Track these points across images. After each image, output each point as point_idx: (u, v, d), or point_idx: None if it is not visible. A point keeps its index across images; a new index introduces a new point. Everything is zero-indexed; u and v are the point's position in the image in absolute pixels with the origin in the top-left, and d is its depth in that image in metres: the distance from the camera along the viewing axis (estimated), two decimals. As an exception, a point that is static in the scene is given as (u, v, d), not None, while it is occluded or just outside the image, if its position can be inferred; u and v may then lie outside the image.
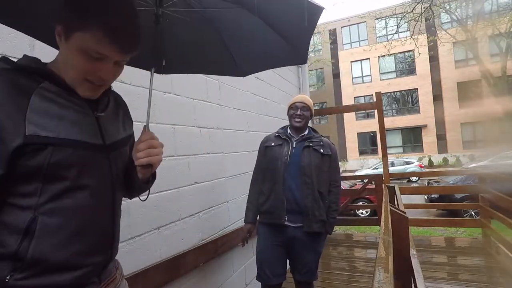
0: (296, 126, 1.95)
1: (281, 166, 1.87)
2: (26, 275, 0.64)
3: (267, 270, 1.87)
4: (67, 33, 0.65)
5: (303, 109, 1.95)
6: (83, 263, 0.71)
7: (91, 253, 0.73)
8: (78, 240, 0.70)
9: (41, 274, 0.65)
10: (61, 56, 0.71)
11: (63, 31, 0.65)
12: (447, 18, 16.08)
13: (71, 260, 0.69)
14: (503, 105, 10.51)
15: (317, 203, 1.84)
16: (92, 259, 0.73)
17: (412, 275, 1.44)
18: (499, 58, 14.23)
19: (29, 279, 0.64)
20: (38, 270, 0.65)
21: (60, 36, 0.67)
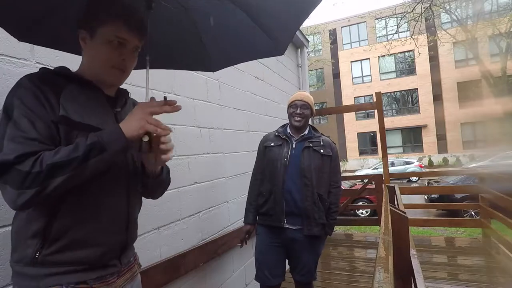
0: (295, 126, 1.90)
1: (281, 167, 1.83)
2: (51, 250, 0.73)
3: (266, 270, 1.85)
4: (92, 33, 0.79)
5: (302, 107, 1.88)
6: (100, 241, 0.79)
7: (107, 232, 0.81)
8: (95, 218, 0.78)
9: (65, 250, 0.74)
10: (86, 58, 0.83)
11: (88, 33, 0.79)
12: (447, 18, 16.08)
13: (89, 237, 0.77)
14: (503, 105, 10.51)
15: (317, 205, 1.80)
16: (108, 238, 0.81)
17: (412, 275, 1.44)
18: (499, 58, 14.22)
19: (54, 254, 0.73)
20: (61, 246, 0.74)
21: (84, 40, 0.80)
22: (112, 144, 0.70)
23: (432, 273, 3.24)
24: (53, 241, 0.73)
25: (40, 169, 0.63)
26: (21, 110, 0.68)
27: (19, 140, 0.66)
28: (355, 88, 23.36)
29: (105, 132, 0.72)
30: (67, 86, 0.76)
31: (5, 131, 0.67)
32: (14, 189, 0.63)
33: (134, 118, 0.73)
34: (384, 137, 4.18)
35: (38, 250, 0.72)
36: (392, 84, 22.36)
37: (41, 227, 0.72)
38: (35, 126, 0.68)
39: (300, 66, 4.54)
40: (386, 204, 2.29)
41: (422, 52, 16.64)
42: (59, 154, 0.66)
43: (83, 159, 0.67)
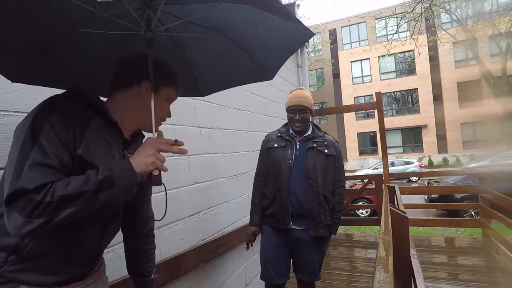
0: (296, 131, 1.88)
1: (285, 170, 1.81)
2: (16, 268, 0.72)
3: (271, 269, 1.85)
4: (157, 89, 0.85)
5: (301, 112, 1.84)
6: (67, 269, 0.80)
7: (77, 262, 0.82)
8: (70, 248, 0.79)
9: (28, 271, 0.73)
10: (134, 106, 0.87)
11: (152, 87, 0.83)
12: (447, 18, 16.08)
13: (59, 264, 0.78)
14: (503, 105, 10.51)
15: (323, 207, 1.79)
16: (76, 267, 0.83)
17: (412, 275, 1.44)
18: (499, 58, 14.22)
19: (18, 273, 0.72)
20: (29, 267, 0.73)
21: (146, 90, 0.84)
22: (123, 179, 0.71)
23: (432, 273, 3.24)
24: (22, 260, 0.72)
25: (51, 200, 0.62)
26: (49, 138, 0.68)
27: (42, 169, 0.65)
28: (355, 88, 23.36)
29: (116, 167, 0.72)
30: (94, 120, 0.78)
31: (29, 154, 0.65)
32: (23, 217, 0.61)
33: (144, 154, 0.75)
34: (384, 137, 4.18)
35: (0, 264, 0.71)
36: (392, 84, 22.36)
37: (14, 243, 0.71)
38: (60, 157, 0.68)
39: (300, 66, 4.54)
40: (386, 204, 2.29)
41: (422, 52, 16.63)
42: (70, 186, 0.65)
43: (93, 193, 0.67)
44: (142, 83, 0.84)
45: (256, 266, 2.66)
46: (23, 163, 0.64)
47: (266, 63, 1.06)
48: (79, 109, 0.76)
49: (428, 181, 9.88)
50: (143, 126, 0.91)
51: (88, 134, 0.75)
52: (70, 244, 0.79)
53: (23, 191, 0.61)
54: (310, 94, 1.98)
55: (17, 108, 1.04)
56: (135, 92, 0.86)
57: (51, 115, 0.70)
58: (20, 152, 0.66)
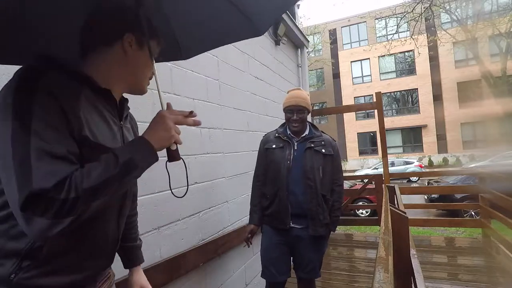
0: (294, 131, 1.91)
1: (284, 170, 1.84)
2: (31, 275, 0.63)
3: (272, 268, 1.87)
4: (141, 43, 0.76)
5: (299, 113, 1.87)
6: (89, 265, 0.73)
7: (97, 257, 0.76)
8: (85, 246, 0.72)
9: (45, 275, 0.65)
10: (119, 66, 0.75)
11: (137, 41, 0.75)
12: (447, 18, 16.08)
13: (79, 262, 0.71)
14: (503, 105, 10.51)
15: (321, 206, 1.82)
16: (97, 262, 0.76)
17: (412, 275, 1.44)
18: (499, 58, 14.22)
19: (34, 278, 0.64)
20: (44, 271, 0.65)
21: (130, 45, 0.74)
22: (145, 160, 0.67)
23: (432, 273, 3.24)
24: (35, 265, 0.64)
25: (76, 195, 0.55)
26: (43, 122, 0.57)
27: (52, 161, 0.56)
28: (355, 88, 23.36)
29: (135, 148, 0.66)
30: (82, 93, 0.67)
31: (28, 146, 0.54)
32: (48, 219, 0.55)
33: (161, 129, 0.70)
34: (384, 137, 4.19)
35: (14, 272, 0.62)
36: (392, 84, 22.36)
37: (22, 247, 0.63)
38: (64, 143, 0.59)
39: (300, 66, 4.54)
40: (386, 204, 2.29)
41: (422, 52, 16.63)
42: (92, 175, 0.58)
43: (119, 178, 0.62)
44: (125, 36, 0.74)
45: (256, 266, 2.66)
46: (26, 157, 0.54)
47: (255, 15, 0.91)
48: (64, 81, 0.64)
49: (428, 181, 9.88)
50: (133, 88, 0.81)
51: (84, 110, 0.65)
52: (91, 237, 0.72)
53: (42, 192, 0.53)
54: (307, 94, 2.00)
55: None
56: (117, 50, 0.74)
57: (36, 93, 0.58)
58: (14, 145, 0.54)
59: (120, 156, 0.62)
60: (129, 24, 0.75)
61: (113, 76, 0.75)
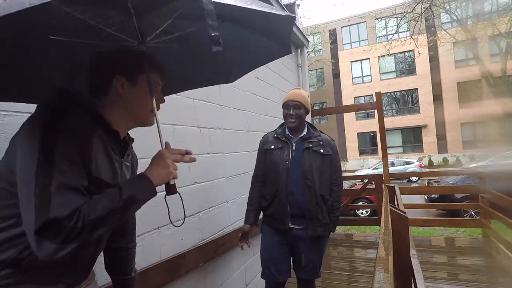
0: (290, 127, 1.90)
1: (283, 171, 1.84)
2: (12, 281, 0.68)
3: (272, 268, 1.87)
4: (133, 81, 0.80)
5: (295, 108, 1.87)
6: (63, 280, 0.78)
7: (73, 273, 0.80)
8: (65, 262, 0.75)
9: (24, 283, 0.70)
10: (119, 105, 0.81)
11: (129, 80, 0.79)
12: (447, 18, 16.07)
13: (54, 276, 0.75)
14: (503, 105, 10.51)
15: (320, 206, 1.82)
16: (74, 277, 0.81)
17: (412, 275, 1.44)
18: (499, 58, 14.22)
19: (14, 285, 0.69)
20: (25, 279, 0.70)
21: (122, 86, 0.79)
22: (145, 196, 0.74)
23: (432, 273, 3.24)
24: (16, 273, 0.69)
25: (82, 225, 0.62)
26: (65, 157, 0.64)
27: (68, 192, 0.63)
28: (355, 88, 23.36)
29: (137, 185, 0.73)
30: (96, 132, 0.74)
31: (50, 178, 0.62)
32: (55, 244, 0.60)
33: (161, 167, 0.77)
34: (384, 137, 4.19)
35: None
36: (392, 84, 22.36)
37: (11, 256, 0.68)
38: (80, 177, 0.66)
39: (300, 66, 4.54)
40: (386, 204, 2.29)
41: (422, 52, 16.62)
42: (98, 208, 0.65)
43: (120, 212, 0.68)
44: (114, 81, 0.79)
45: (256, 266, 2.66)
46: (47, 187, 0.61)
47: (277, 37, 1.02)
48: (84, 121, 0.72)
49: (428, 181, 9.87)
50: (138, 122, 0.87)
51: (95, 149, 0.72)
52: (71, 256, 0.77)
53: (56, 220, 0.60)
54: (307, 94, 1.99)
55: (17, 108, 1.04)
56: (113, 95, 0.80)
57: (62, 129, 0.66)
58: (38, 174, 0.62)
59: (123, 192, 0.69)
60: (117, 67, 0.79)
61: (118, 117, 0.82)
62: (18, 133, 0.70)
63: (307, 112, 1.95)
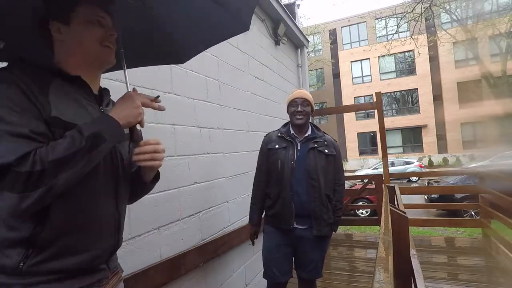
0: (298, 124, 1.90)
1: (288, 171, 1.83)
2: (38, 260, 0.66)
3: (274, 268, 1.87)
4: (65, 19, 0.74)
5: (303, 104, 1.89)
6: (90, 246, 0.75)
7: (97, 237, 0.77)
8: (85, 224, 0.74)
9: (52, 259, 0.68)
10: (66, 48, 0.77)
11: (61, 21, 0.74)
12: (447, 18, 16.06)
13: (80, 243, 0.73)
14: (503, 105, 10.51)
15: (325, 206, 1.82)
16: (99, 242, 0.77)
17: (412, 275, 1.44)
18: (499, 58, 14.22)
19: (40, 264, 0.67)
20: (50, 255, 0.68)
21: (59, 30, 0.74)
22: (113, 134, 0.70)
23: (432, 273, 3.24)
24: (40, 250, 0.67)
25: (42, 167, 0.58)
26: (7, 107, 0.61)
27: (13, 139, 0.59)
28: (355, 88, 23.35)
29: (101, 123, 0.69)
30: (53, 81, 0.71)
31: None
32: (15, 193, 0.58)
33: (129, 106, 0.74)
34: (384, 137, 4.18)
35: (22, 260, 0.65)
36: (392, 84, 22.35)
37: (25, 235, 0.66)
38: (28, 122, 0.62)
39: (300, 66, 4.54)
40: (386, 204, 2.29)
41: (422, 52, 16.60)
42: (58, 149, 0.61)
43: (86, 152, 0.64)
44: (50, 27, 0.74)
45: (256, 266, 2.66)
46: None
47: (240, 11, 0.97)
48: (31, 73, 0.68)
49: (428, 181, 9.87)
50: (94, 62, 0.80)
51: (53, 94, 0.68)
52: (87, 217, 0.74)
53: (6, 167, 0.57)
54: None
55: None
56: (57, 43, 0.76)
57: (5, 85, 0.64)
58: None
59: (85, 131, 0.65)
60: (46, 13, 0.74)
61: (72, 63, 0.77)
62: None
63: (312, 111, 1.98)
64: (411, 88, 21.86)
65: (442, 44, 13.46)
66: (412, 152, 21.59)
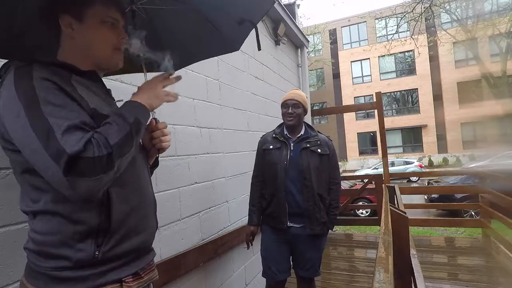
0: (288, 125, 1.93)
1: (281, 171, 1.87)
2: (112, 245, 0.71)
3: (273, 266, 1.89)
4: (80, 16, 0.73)
5: (294, 106, 1.91)
6: (146, 225, 0.82)
7: (148, 217, 0.84)
8: (140, 205, 0.80)
9: (121, 242, 0.73)
10: (77, 45, 0.76)
11: (74, 17, 0.73)
12: (447, 18, 16.06)
13: (139, 223, 0.79)
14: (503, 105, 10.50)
15: (318, 205, 1.84)
16: (150, 222, 0.85)
17: (412, 275, 1.44)
18: (499, 58, 14.22)
19: (113, 249, 0.71)
20: (119, 238, 0.73)
21: (70, 25, 0.73)
22: (145, 118, 0.75)
23: (432, 273, 3.24)
24: (111, 235, 0.71)
25: (109, 151, 0.61)
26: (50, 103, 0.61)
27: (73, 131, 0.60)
28: (355, 88, 23.34)
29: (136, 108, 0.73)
30: (71, 77, 0.71)
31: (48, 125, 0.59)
32: (91, 177, 0.59)
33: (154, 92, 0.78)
34: (384, 137, 4.19)
35: (96, 250, 0.68)
36: (392, 84, 22.34)
37: (94, 225, 0.69)
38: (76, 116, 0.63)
39: (300, 66, 4.54)
40: (386, 204, 2.29)
41: (422, 52, 16.61)
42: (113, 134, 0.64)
43: (133, 136, 0.68)
44: (60, 20, 0.73)
45: (256, 266, 2.66)
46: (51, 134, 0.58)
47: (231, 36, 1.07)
48: (52, 70, 0.68)
49: (428, 181, 9.87)
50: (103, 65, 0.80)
51: (79, 88, 0.70)
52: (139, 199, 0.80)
53: (78, 154, 0.58)
54: (306, 96, 2.04)
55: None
56: (66, 38, 0.75)
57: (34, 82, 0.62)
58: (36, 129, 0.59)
59: (127, 117, 0.69)
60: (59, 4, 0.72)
61: (80, 61, 0.76)
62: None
63: (305, 112, 1.98)
64: (411, 88, 21.85)
65: (442, 44, 13.46)
66: (412, 152, 21.59)
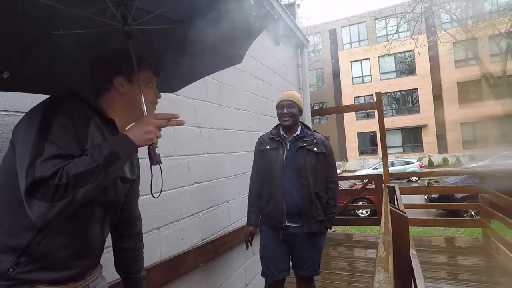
0: (284, 125, 1.94)
1: (278, 170, 1.88)
2: (29, 269, 0.74)
3: (271, 266, 1.89)
4: (130, 78, 0.88)
5: (289, 107, 1.92)
6: (77, 264, 0.83)
7: (84, 257, 0.86)
8: (79, 243, 0.83)
9: (41, 270, 0.75)
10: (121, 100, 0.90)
11: (126, 78, 0.88)
12: (447, 18, 16.07)
13: (69, 260, 0.81)
14: (503, 105, 10.51)
15: (314, 204, 1.85)
16: (83, 261, 0.86)
17: (412, 275, 1.44)
18: (499, 58, 14.22)
19: (30, 273, 0.74)
20: (40, 266, 0.75)
21: (122, 85, 0.88)
22: (127, 152, 0.76)
23: (432, 273, 3.24)
24: (32, 261, 0.74)
25: (67, 180, 0.65)
26: (58, 133, 0.71)
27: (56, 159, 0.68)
28: (355, 88, 23.34)
29: (117, 142, 0.76)
30: (92, 119, 0.81)
31: (42, 151, 0.68)
32: (45, 202, 0.64)
33: (143, 130, 0.79)
34: (384, 137, 4.19)
35: (12, 267, 0.72)
36: (392, 84, 22.34)
37: (23, 244, 0.73)
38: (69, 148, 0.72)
39: (300, 66, 4.54)
40: (386, 204, 2.28)
41: (422, 52, 16.59)
42: (79, 164, 0.68)
43: (103, 168, 0.70)
44: (114, 80, 0.87)
45: (256, 266, 2.66)
46: (38, 156, 0.67)
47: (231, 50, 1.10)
48: (80, 109, 0.80)
49: (428, 181, 9.87)
50: (136, 117, 0.91)
51: (91, 130, 0.79)
52: (79, 238, 0.82)
53: (41, 180, 0.64)
54: (300, 95, 2.05)
55: (17, 108, 1.04)
56: (114, 92, 0.89)
57: (58, 113, 0.74)
58: (33, 147, 0.68)
59: (103, 149, 0.72)
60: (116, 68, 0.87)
61: (118, 112, 0.90)
62: (21, 121, 0.77)
63: (301, 112, 1.99)
64: (411, 88, 21.85)
65: (442, 44, 13.46)
66: (412, 152, 21.59)
